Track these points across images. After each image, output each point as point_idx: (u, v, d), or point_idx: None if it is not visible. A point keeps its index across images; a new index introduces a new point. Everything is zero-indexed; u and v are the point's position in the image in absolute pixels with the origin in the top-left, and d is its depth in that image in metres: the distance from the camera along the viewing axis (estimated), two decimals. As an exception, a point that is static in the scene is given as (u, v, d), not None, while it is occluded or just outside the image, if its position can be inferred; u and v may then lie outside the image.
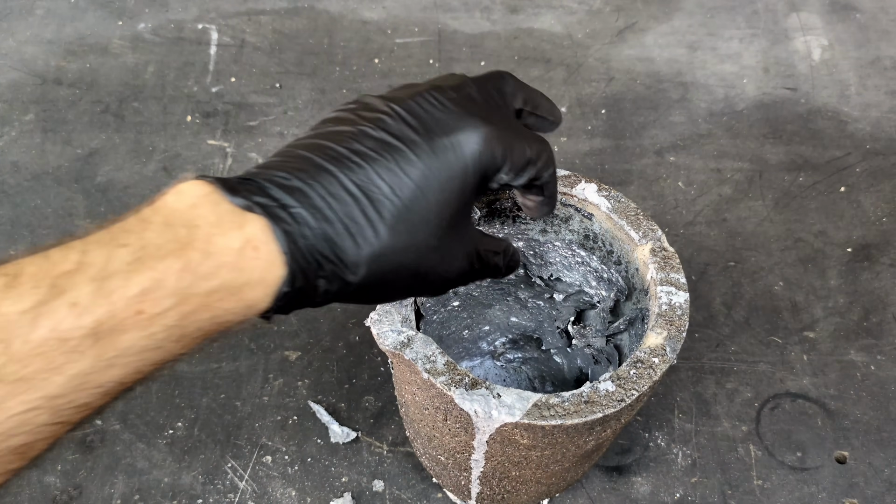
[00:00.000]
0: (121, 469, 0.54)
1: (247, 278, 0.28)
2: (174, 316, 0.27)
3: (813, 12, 0.94)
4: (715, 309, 0.65)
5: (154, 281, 0.26)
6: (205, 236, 0.28)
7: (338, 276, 0.31)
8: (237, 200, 0.29)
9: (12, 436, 0.25)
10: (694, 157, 0.77)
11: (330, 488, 0.54)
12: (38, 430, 0.25)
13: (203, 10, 0.91)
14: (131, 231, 0.27)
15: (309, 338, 0.62)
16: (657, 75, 0.86)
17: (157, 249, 0.26)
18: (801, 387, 0.60)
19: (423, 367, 0.37)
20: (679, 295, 0.42)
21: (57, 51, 0.86)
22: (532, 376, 0.59)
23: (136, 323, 0.26)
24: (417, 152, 0.32)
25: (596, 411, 0.37)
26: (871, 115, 0.82)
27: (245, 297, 0.29)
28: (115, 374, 0.26)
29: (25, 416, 0.24)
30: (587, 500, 0.54)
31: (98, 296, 0.25)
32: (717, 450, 0.57)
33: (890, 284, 0.67)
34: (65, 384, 0.25)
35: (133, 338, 0.26)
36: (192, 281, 0.27)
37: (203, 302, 0.27)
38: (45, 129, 0.78)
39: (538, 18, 0.93)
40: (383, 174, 0.31)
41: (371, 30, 0.90)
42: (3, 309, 0.24)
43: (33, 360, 0.24)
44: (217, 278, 0.27)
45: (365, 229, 0.31)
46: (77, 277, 0.25)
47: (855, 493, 0.55)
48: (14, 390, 0.24)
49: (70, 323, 0.24)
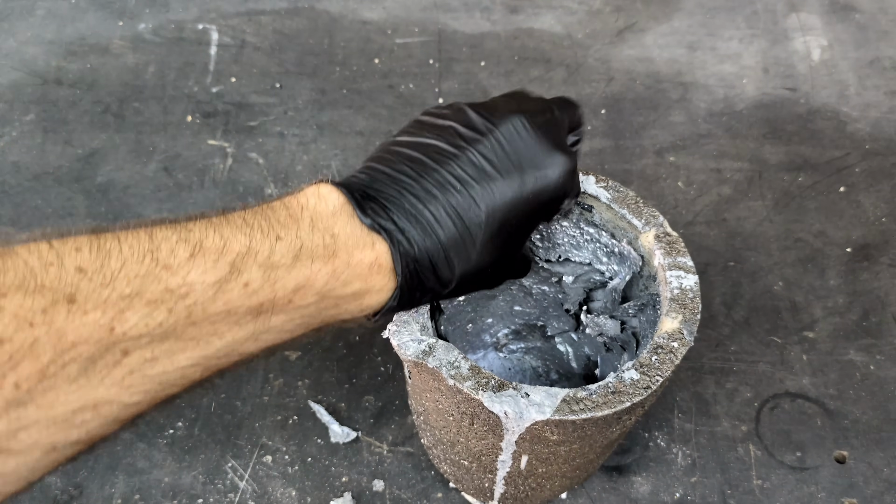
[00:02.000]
0: (121, 469, 0.54)
1: (369, 288, 0.34)
2: (312, 309, 0.32)
3: (812, 13, 0.94)
4: (715, 309, 0.65)
5: (307, 279, 0.31)
6: (346, 249, 0.33)
7: (431, 290, 0.36)
8: (367, 221, 0.34)
9: (173, 385, 0.29)
10: (694, 157, 0.77)
11: (330, 488, 0.54)
12: (188, 383, 0.30)
13: (203, 11, 0.92)
14: (285, 225, 0.32)
15: (309, 338, 0.62)
16: (657, 75, 0.86)
17: (311, 252, 0.32)
18: (801, 387, 0.60)
19: (448, 373, 0.37)
20: (688, 278, 0.42)
21: (57, 51, 0.86)
22: (536, 366, 0.59)
23: (285, 309, 0.31)
24: (510, 183, 0.36)
25: (624, 401, 0.37)
26: (871, 116, 0.82)
27: (364, 302, 0.35)
28: (256, 346, 0.31)
29: (187, 371, 0.29)
30: (587, 499, 0.54)
31: (265, 282, 0.30)
32: (716, 449, 0.57)
33: (889, 284, 0.67)
34: (221, 348, 0.30)
35: (279, 320, 0.31)
36: (334, 286, 0.32)
37: (335, 302, 0.33)
38: (45, 129, 0.78)
39: (538, 18, 0.93)
40: (479, 201, 0.36)
41: (371, 30, 0.90)
42: (190, 279, 0.28)
43: (206, 326, 0.28)
44: (351, 287, 0.33)
45: (461, 252, 0.36)
46: (249, 261, 0.29)
47: (854, 493, 0.55)
48: (186, 347, 0.28)
49: (241, 301, 0.29)
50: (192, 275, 0.28)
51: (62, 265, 0.25)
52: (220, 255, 0.29)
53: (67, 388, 0.25)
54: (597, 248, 0.48)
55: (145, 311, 0.26)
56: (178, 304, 0.27)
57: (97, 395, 0.26)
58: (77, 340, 0.25)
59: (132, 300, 0.26)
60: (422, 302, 0.37)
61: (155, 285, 0.27)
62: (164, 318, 0.27)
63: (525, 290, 0.54)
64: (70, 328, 0.25)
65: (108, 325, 0.25)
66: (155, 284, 0.27)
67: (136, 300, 0.26)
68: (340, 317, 0.35)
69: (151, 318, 0.27)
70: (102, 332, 0.25)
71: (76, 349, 0.25)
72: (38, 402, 0.24)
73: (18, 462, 0.25)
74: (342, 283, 0.33)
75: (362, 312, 0.35)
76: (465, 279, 0.37)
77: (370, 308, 0.35)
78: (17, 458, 0.25)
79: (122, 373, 0.26)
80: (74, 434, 0.26)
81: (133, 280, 0.26)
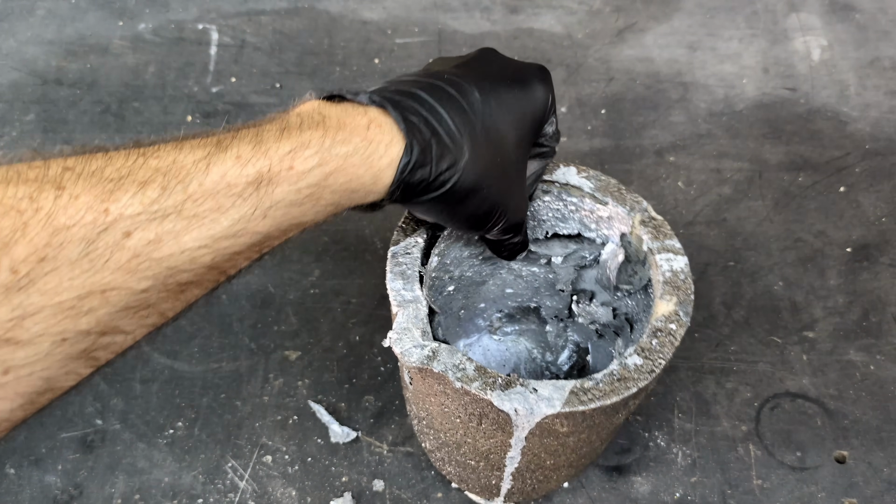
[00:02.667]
0: (121, 469, 0.54)
1: (374, 148, 0.33)
2: (317, 174, 0.32)
3: (812, 13, 0.94)
4: (715, 309, 0.65)
5: (300, 143, 0.31)
6: (336, 118, 0.33)
7: (446, 155, 0.35)
8: (358, 97, 0.35)
9: (182, 271, 0.28)
10: (694, 157, 0.77)
11: (330, 488, 0.54)
12: (199, 271, 0.29)
13: (203, 11, 0.91)
14: (272, 121, 0.32)
15: (309, 338, 0.62)
16: (657, 75, 0.86)
17: (299, 125, 0.32)
18: (801, 386, 0.60)
19: (454, 376, 0.37)
20: (678, 260, 0.42)
21: (57, 51, 0.86)
22: (531, 347, 0.59)
23: (288, 177, 0.31)
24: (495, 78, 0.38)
25: (630, 386, 0.37)
26: (871, 116, 0.82)
27: (373, 164, 0.33)
28: (267, 225, 0.31)
29: (194, 254, 0.28)
30: (587, 499, 0.54)
31: (257, 151, 0.30)
32: (716, 449, 0.57)
33: (889, 284, 0.67)
34: (228, 227, 0.29)
35: (284, 191, 0.31)
36: (331, 144, 0.32)
37: (340, 165, 0.32)
38: (45, 129, 0.78)
39: (538, 18, 0.93)
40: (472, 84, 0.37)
41: (371, 30, 0.90)
42: (179, 158, 0.28)
43: (206, 201, 0.28)
44: (351, 143, 0.33)
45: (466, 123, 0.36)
46: (237, 139, 0.30)
47: (854, 493, 0.55)
48: (189, 226, 0.28)
49: (236, 172, 0.29)
50: (180, 156, 0.28)
51: (47, 165, 0.26)
52: (204, 140, 0.29)
53: (70, 273, 0.25)
54: (583, 217, 0.48)
55: (136, 188, 0.26)
56: (171, 181, 0.27)
57: (103, 280, 0.26)
58: (69, 223, 0.25)
59: (122, 181, 0.26)
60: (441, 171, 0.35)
61: (143, 169, 0.27)
62: (158, 195, 0.27)
63: (515, 273, 0.54)
64: (60, 212, 0.25)
65: (100, 207, 0.25)
66: (143, 168, 0.27)
67: (127, 180, 0.26)
68: (355, 187, 0.34)
69: (145, 195, 0.27)
70: (96, 214, 0.25)
71: (70, 231, 0.25)
72: (41, 287, 0.24)
73: (28, 354, 0.25)
74: (339, 141, 0.32)
75: (377, 183, 0.34)
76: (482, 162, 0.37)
77: (383, 175, 0.34)
78: (27, 349, 0.25)
79: (126, 256, 0.26)
80: (84, 322, 0.26)
81: (121, 168, 0.27)
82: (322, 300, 0.64)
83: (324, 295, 0.65)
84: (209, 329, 0.62)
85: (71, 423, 0.56)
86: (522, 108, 0.39)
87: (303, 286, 0.65)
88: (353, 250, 0.68)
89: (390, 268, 0.42)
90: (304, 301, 0.64)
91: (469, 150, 0.36)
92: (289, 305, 0.64)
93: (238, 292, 0.64)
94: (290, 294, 0.65)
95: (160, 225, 0.27)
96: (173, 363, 0.60)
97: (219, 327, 0.62)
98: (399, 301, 0.40)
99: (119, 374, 0.59)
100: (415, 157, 0.34)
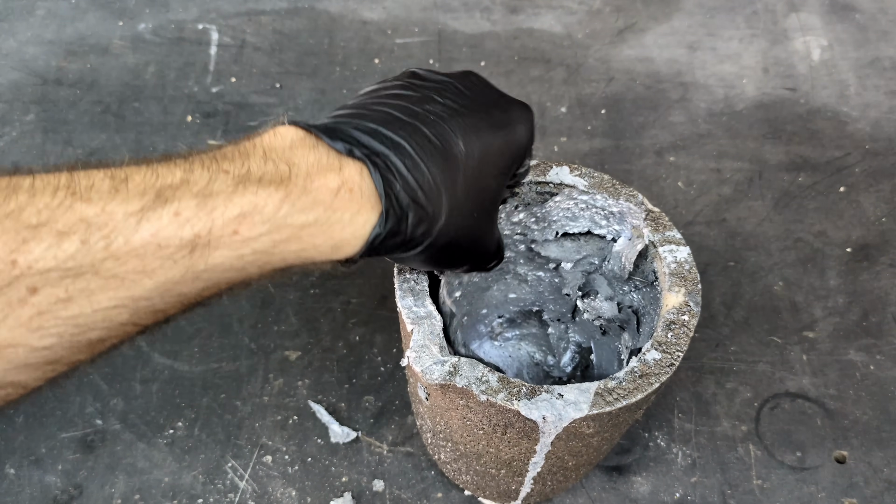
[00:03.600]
0: (121, 469, 0.54)
1: (339, 217, 0.30)
2: (266, 242, 0.28)
3: (812, 13, 0.94)
4: (715, 309, 0.65)
5: (253, 206, 0.27)
6: (304, 174, 0.29)
7: (423, 221, 0.32)
8: (337, 145, 0.30)
9: (93, 329, 0.26)
10: (694, 157, 0.77)
11: (330, 488, 0.54)
12: (115, 327, 0.26)
13: (203, 11, 0.91)
14: (233, 159, 0.28)
15: (309, 338, 0.62)
16: (657, 75, 0.86)
17: (260, 178, 0.28)
18: (801, 386, 0.60)
19: (479, 389, 0.37)
20: (681, 250, 0.42)
21: (57, 51, 0.86)
22: (532, 352, 0.59)
23: (230, 243, 0.27)
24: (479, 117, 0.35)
25: (653, 382, 0.37)
26: (871, 116, 0.82)
27: (334, 235, 0.30)
28: (198, 287, 0.28)
29: (109, 313, 0.26)
30: (587, 499, 0.54)
31: (200, 210, 0.26)
32: (716, 449, 0.57)
33: (889, 284, 0.67)
34: (152, 289, 0.26)
35: (223, 255, 0.27)
36: (288, 212, 0.28)
37: (295, 234, 0.29)
38: (45, 129, 0.78)
39: (538, 18, 0.93)
40: (454, 130, 0.33)
41: (371, 30, 0.90)
42: (109, 208, 0.25)
43: (130, 261, 0.25)
44: (312, 213, 0.29)
45: (447, 178, 0.33)
46: (182, 191, 0.26)
47: (854, 493, 0.55)
48: (107, 286, 0.25)
49: (171, 231, 0.26)
50: (111, 205, 0.25)
51: None
52: (146, 188, 0.26)
53: None
54: (594, 214, 0.48)
55: (53, 241, 0.24)
56: (94, 235, 0.24)
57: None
58: None
59: (38, 230, 0.23)
60: (415, 237, 0.33)
61: (68, 215, 0.24)
62: (77, 250, 0.24)
63: (520, 278, 0.54)
64: None
65: (7, 258, 0.23)
66: (68, 214, 0.24)
67: (43, 229, 0.24)
68: (309, 255, 0.30)
69: (60, 249, 0.24)
70: (2, 265, 0.23)
71: None
72: None
73: None
74: (299, 209, 0.28)
75: (337, 251, 0.31)
76: (460, 220, 0.34)
77: (345, 244, 0.31)
78: None
79: (28, 313, 0.24)
80: None
81: (42, 211, 0.24)
82: (322, 300, 0.64)
83: (324, 295, 0.65)
84: (209, 329, 0.62)
85: (71, 423, 0.56)
86: (505, 155, 0.36)
87: (303, 286, 0.65)
88: (353, 250, 0.68)
89: (398, 285, 0.42)
90: (304, 301, 0.64)
91: (446, 210, 0.33)
92: (289, 305, 0.64)
93: (238, 292, 0.64)
94: (290, 294, 0.65)
95: (73, 283, 0.24)
96: (173, 363, 0.60)
97: (219, 327, 0.62)
98: (413, 318, 0.40)
99: (119, 374, 0.59)
100: (388, 227, 0.31)
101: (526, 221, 0.49)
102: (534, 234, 0.50)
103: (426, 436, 0.51)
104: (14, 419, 0.56)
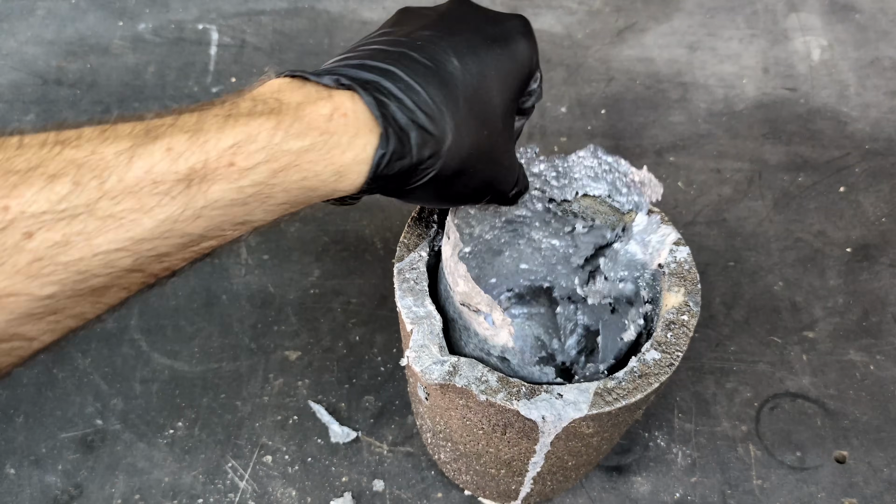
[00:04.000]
0: (121, 469, 0.54)
1: (336, 141, 0.29)
2: (264, 172, 0.27)
3: (812, 13, 0.94)
4: (715, 309, 0.65)
5: (246, 135, 0.27)
6: (295, 105, 0.29)
7: (428, 142, 0.31)
8: (324, 80, 0.30)
9: (95, 275, 0.25)
10: (694, 157, 0.77)
11: (330, 488, 0.54)
12: (118, 274, 0.26)
13: (203, 11, 0.92)
14: (221, 104, 0.28)
15: (309, 338, 0.62)
16: (657, 75, 0.86)
17: (249, 111, 0.28)
18: (801, 386, 0.60)
19: (478, 389, 0.37)
20: (681, 250, 0.43)
21: (57, 51, 0.86)
22: (538, 334, 0.58)
23: (227, 174, 0.26)
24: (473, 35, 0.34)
25: (652, 382, 0.37)
26: (871, 116, 0.82)
27: (335, 160, 0.29)
28: (201, 226, 0.27)
29: (110, 257, 0.25)
30: (587, 499, 0.54)
31: (192, 144, 0.26)
32: (716, 449, 0.57)
33: (889, 284, 0.67)
34: (152, 228, 0.25)
35: (222, 189, 0.27)
36: (283, 138, 0.28)
37: (293, 161, 0.28)
38: (45, 129, 0.78)
39: (538, 18, 0.93)
40: (448, 51, 0.32)
41: (371, 30, 0.90)
42: (99, 150, 0.24)
43: (126, 199, 0.24)
44: (307, 138, 0.28)
45: (447, 99, 0.32)
46: (172, 129, 0.26)
47: (854, 493, 0.55)
48: (103, 226, 0.24)
49: (164, 166, 0.25)
50: (101, 147, 0.25)
51: None
52: (135, 129, 0.26)
53: None
54: (616, 179, 0.46)
55: (44, 184, 0.23)
56: (86, 176, 0.24)
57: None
58: None
59: (28, 174, 0.23)
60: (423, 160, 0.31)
61: (57, 160, 0.24)
62: (69, 191, 0.23)
63: (533, 245, 0.52)
64: None
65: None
66: (57, 159, 0.24)
67: (33, 173, 0.23)
68: (312, 185, 0.29)
69: (52, 191, 0.23)
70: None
71: None
72: None
73: None
74: (293, 135, 0.28)
75: (342, 180, 0.30)
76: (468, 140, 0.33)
77: (348, 171, 0.30)
78: None
79: (26, 259, 0.23)
80: None
81: (31, 159, 0.24)
82: (322, 300, 0.64)
83: (324, 295, 0.65)
84: (209, 329, 0.62)
85: (71, 423, 0.56)
86: (506, 70, 0.35)
87: (303, 286, 0.65)
88: (353, 250, 0.68)
89: (398, 285, 0.41)
90: (304, 301, 0.64)
91: (452, 130, 0.32)
92: (289, 305, 0.64)
93: (238, 292, 0.65)
94: (290, 294, 0.65)
95: (68, 225, 0.24)
96: (173, 363, 0.60)
97: (219, 327, 0.62)
98: (412, 318, 0.40)
99: (119, 374, 0.59)
100: (392, 147, 0.30)
101: (546, 174, 0.47)
102: (553, 191, 0.48)
103: (426, 436, 0.51)
104: (14, 419, 0.56)
